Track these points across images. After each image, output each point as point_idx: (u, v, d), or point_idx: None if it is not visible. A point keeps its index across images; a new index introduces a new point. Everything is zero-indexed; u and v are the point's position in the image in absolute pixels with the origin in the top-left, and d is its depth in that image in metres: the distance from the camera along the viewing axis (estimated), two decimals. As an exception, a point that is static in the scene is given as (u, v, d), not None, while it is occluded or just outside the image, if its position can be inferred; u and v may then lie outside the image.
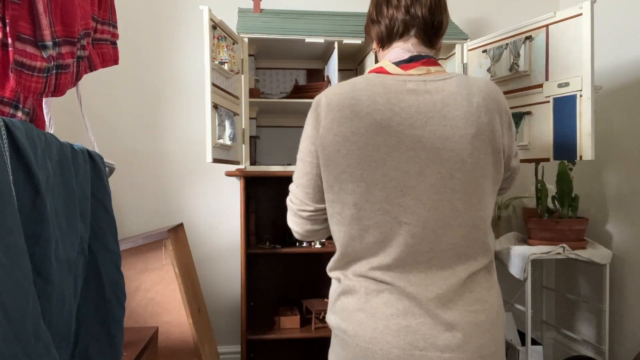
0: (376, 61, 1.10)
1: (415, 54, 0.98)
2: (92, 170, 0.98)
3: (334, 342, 1.00)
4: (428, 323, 0.89)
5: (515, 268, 1.79)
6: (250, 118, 1.91)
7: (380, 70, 0.98)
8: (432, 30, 1.01)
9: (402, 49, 1.00)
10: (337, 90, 0.95)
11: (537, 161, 1.67)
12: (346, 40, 1.87)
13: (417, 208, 0.90)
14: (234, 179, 2.13)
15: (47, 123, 0.98)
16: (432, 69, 0.97)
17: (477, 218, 0.94)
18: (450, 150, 0.90)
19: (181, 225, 1.94)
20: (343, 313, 0.95)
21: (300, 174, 1.01)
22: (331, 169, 0.93)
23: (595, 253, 1.79)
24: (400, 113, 0.90)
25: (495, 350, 0.93)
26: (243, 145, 1.82)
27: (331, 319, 0.99)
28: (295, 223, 1.05)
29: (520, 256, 1.76)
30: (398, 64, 0.97)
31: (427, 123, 0.90)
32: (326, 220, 1.02)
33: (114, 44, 1.20)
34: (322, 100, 0.95)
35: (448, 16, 1.05)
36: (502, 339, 0.97)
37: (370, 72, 1.00)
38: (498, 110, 0.94)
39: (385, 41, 1.03)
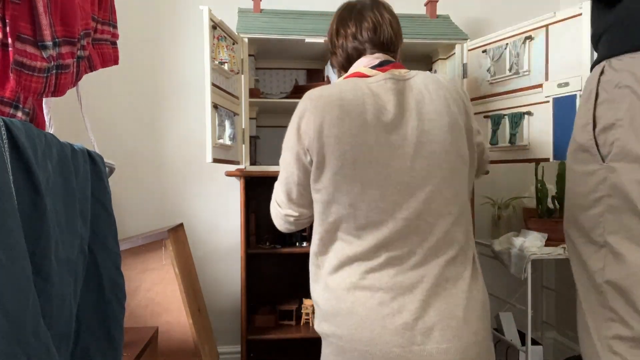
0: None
1: (383, 59, 1.05)
2: (92, 171, 0.98)
3: (326, 351, 0.99)
4: (423, 316, 0.90)
5: (515, 268, 1.79)
6: (250, 118, 1.91)
7: (358, 75, 1.03)
8: (385, 46, 1.08)
9: (368, 58, 1.06)
10: (323, 92, 0.97)
11: (537, 161, 1.67)
12: (346, 40, 1.87)
13: (412, 202, 0.93)
14: (234, 179, 2.13)
15: (47, 123, 0.98)
16: (403, 70, 1.03)
17: (463, 204, 0.99)
18: (434, 143, 0.94)
19: (181, 225, 1.94)
20: (336, 318, 0.95)
21: (286, 181, 1.03)
22: (325, 171, 0.94)
23: (595, 253, 1.78)
24: (386, 113, 0.94)
25: (487, 334, 0.96)
26: (243, 145, 1.82)
27: (323, 326, 0.98)
28: (280, 225, 1.13)
29: (520, 256, 1.76)
30: (374, 67, 1.03)
31: (409, 120, 0.94)
32: (310, 219, 1.07)
33: (114, 44, 1.20)
34: (309, 103, 0.96)
35: (397, 29, 1.11)
36: (490, 321, 1.00)
37: (347, 77, 1.04)
38: (460, 97, 1.01)
39: (346, 67, 1.10)
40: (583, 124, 0.93)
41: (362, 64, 1.05)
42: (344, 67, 1.12)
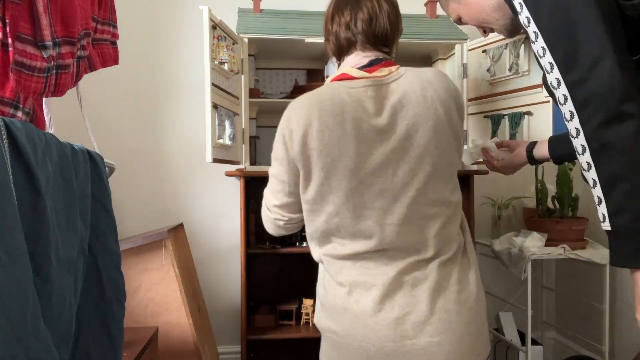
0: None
1: (373, 58, 1.02)
2: (92, 170, 0.98)
3: (324, 345, 1.00)
4: (415, 311, 0.90)
5: (515, 268, 1.79)
6: (250, 118, 1.91)
7: (344, 77, 1.01)
8: (379, 39, 1.03)
9: (358, 56, 1.03)
10: (303, 103, 0.97)
11: (537, 161, 1.67)
12: (346, 40, 1.87)
13: (396, 207, 0.93)
14: (234, 179, 2.13)
15: (47, 123, 0.98)
16: (393, 68, 1.00)
17: (453, 204, 0.98)
18: (417, 146, 0.94)
19: (181, 225, 1.94)
20: (332, 314, 0.96)
21: (275, 189, 1.06)
22: (311, 183, 0.95)
23: (595, 253, 1.79)
24: (368, 120, 0.94)
25: (481, 326, 0.97)
26: (243, 145, 1.81)
27: (321, 321, 1.00)
28: (270, 229, 1.16)
29: (520, 256, 1.76)
30: (361, 68, 1.00)
31: (393, 125, 0.94)
32: (300, 223, 1.08)
33: (114, 44, 1.20)
34: (292, 116, 0.97)
35: (396, 21, 1.06)
36: (485, 314, 1.00)
37: (333, 80, 1.03)
38: (452, 97, 0.98)
39: (339, 55, 1.08)
40: None
41: (350, 64, 1.03)
42: (336, 55, 1.09)
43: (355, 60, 1.03)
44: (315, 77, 2.19)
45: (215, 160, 1.59)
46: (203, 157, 1.61)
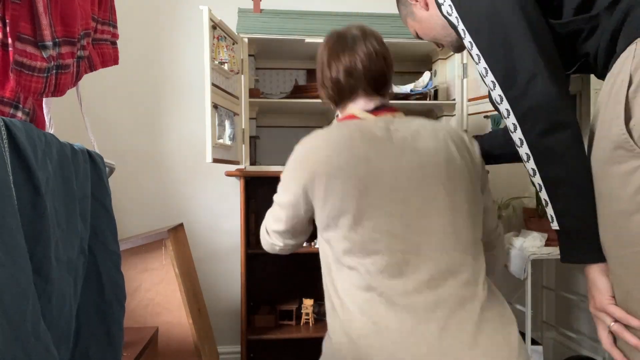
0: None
1: (379, 104, 1.06)
2: (92, 170, 0.98)
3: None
4: (431, 332, 0.87)
5: (515, 268, 1.79)
6: (250, 118, 1.91)
7: (352, 117, 1.04)
8: (379, 83, 1.06)
9: (363, 101, 1.06)
10: (312, 137, 0.99)
11: (537, 161, 1.67)
12: (346, 40, 1.87)
13: (407, 233, 0.91)
14: (234, 179, 2.13)
15: (47, 123, 0.98)
16: (397, 114, 1.05)
17: (466, 240, 0.95)
18: (429, 177, 0.94)
19: (181, 225, 1.94)
20: (350, 337, 0.92)
21: (278, 216, 1.06)
22: (324, 212, 0.95)
23: (595, 253, 1.78)
24: (377, 150, 0.95)
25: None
26: (243, 145, 1.82)
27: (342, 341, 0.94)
28: (266, 248, 1.20)
29: (520, 256, 1.76)
30: (368, 112, 1.04)
31: (403, 154, 0.95)
32: (295, 247, 1.14)
33: (114, 44, 1.20)
34: (303, 149, 0.99)
35: (391, 60, 1.10)
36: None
37: (340, 120, 1.06)
38: (463, 143, 1.01)
39: (338, 101, 1.10)
40: (610, 119, 0.84)
41: (358, 107, 1.06)
42: (334, 100, 1.11)
43: (361, 104, 1.05)
44: (315, 77, 2.19)
45: (215, 160, 1.59)
46: (203, 157, 1.61)
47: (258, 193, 2.14)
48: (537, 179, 0.89)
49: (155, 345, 1.47)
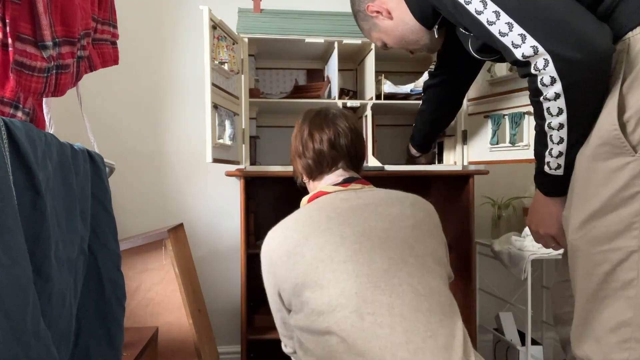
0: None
1: (348, 176, 1.09)
2: (92, 170, 0.98)
3: None
4: None
5: (515, 268, 1.79)
6: (250, 118, 1.91)
7: (320, 194, 1.07)
8: (355, 159, 1.13)
9: (335, 175, 1.10)
10: (277, 241, 1.02)
11: (537, 161, 1.67)
12: (346, 40, 1.87)
13: (376, 295, 0.87)
14: (234, 179, 2.13)
15: (47, 123, 0.98)
16: (366, 186, 1.08)
17: (443, 302, 0.91)
18: (395, 238, 0.94)
19: (181, 225, 1.94)
20: None
21: (277, 324, 1.13)
22: (295, 294, 0.97)
23: (595, 253, 1.78)
24: (338, 217, 0.96)
25: None
26: (243, 145, 1.81)
27: None
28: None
29: (520, 256, 1.76)
30: (338, 184, 1.07)
31: (366, 220, 0.96)
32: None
33: (114, 44, 1.20)
34: (271, 243, 1.04)
35: (365, 146, 1.18)
36: None
37: (309, 200, 1.08)
38: (433, 219, 1.04)
39: (315, 173, 1.12)
40: (602, 114, 0.84)
41: (327, 182, 1.09)
42: (310, 171, 1.12)
43: (332, 179, 1.09)
44: (315, 77, 2.19)
45: (215, 161, 1.59)
46: (203, 157, 1.61)
47: (258, 193, 2.14)
48: (560, 119, 0.87)
49: (155, 345, 1.47)
